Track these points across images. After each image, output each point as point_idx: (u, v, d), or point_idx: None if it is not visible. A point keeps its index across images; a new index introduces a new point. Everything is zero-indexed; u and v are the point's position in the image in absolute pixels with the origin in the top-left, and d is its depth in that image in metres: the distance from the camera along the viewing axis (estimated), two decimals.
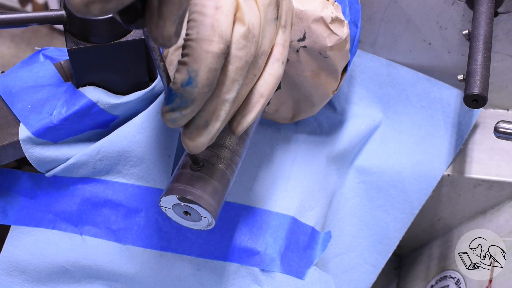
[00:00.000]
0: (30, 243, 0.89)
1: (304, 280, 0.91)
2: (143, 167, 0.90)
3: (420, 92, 1.09)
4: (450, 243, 1.14)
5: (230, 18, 0.64)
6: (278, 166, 0.98)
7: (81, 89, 0.87)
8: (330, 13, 0.86)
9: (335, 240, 1.04)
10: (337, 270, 1.04)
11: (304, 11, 0.85)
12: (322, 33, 0.86)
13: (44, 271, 0.89)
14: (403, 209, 1.06)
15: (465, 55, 1.07)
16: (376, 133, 1.09)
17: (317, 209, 0.98)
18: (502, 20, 1.02)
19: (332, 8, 0.87)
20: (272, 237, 0.91)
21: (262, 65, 0.69)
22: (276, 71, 0.70)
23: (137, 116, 0.89)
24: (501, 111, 1.15)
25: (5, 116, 0.86)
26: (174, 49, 0.84)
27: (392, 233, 1.07)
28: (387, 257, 1.07)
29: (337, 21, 0.87)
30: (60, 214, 0.89)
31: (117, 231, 0.89)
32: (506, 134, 0.85)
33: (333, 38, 0.87)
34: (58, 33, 1.96)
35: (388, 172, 1.06)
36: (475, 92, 0.87)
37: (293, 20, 0.75)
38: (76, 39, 0.83)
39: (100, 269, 0.89)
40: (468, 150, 1.09)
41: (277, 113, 0.99)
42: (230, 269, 0.89)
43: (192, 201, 0.73)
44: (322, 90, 0.93)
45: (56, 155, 0.87)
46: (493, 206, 1.10)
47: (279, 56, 0.70)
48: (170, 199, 0.75)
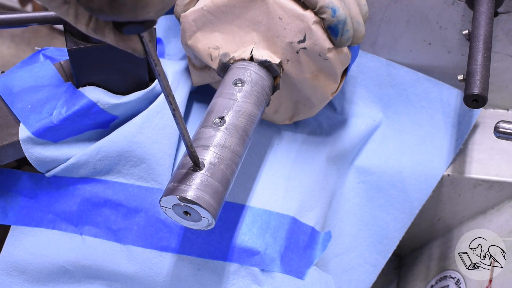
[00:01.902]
0: (30, 243, 0.89)
1: (304, 280, 0.91)
2: (143, 167, 0.90)
3: (420, 92, 1.09)
4: (450, 243, 1.14)
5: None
6: (278, 166, 0.98)
7: (81, 89, 0.87)
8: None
9: (335, 240, 1.04)
10: (337, 270, 1.04)
11: (304, 14, 0.86)
12: (322, 35, 0.87)
13: (44, 271, 0.89)
14: (403, 209, 1.06)
15: (465, 55, 1.07)
16: (376, 133, 1.09)
17: (317, 209, 0.98)
18: (502, 20, 1.02)
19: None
20: (272, 237, 0.91)
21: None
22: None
23: (137, 116, 0.90)
24: (501, 111, 1.15)
25: (5, 116, 0.87)
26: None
27: (392, 233, 1.07)
28: (387, 257, 1.07)
29: None
30: (60, 214, 0.90)
31: (117, 231, 0.89)
32: (506, 134, 0.85)
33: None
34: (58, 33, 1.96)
35: (388, 172, 1.06)
36: (475, 92, 0.87)
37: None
38: (76, 39, 0.83)
39: (100, 269, 0.89)
40: (468, 150, 1.09)
41: (276, 114, 0.99)
42: (230, 269, 0.89)
43: (192, 201, 0.73)
44: (321, 92, 0.93)
45: (56, 155, 0.87)
46: (493, 206, 1.10)
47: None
48: (170, 199, 0.75)
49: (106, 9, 0.54)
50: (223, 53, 0.90)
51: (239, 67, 0.87)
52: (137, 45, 0.62)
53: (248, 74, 0.86)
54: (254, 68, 0.87)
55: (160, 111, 0.90)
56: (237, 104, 0.82)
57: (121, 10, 0.54)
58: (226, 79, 0.87)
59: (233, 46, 0.90)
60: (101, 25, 0.59)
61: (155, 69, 0.65)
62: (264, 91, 0.86)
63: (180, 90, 0.96)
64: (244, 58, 0.88)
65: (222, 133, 0.79)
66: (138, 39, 0.62)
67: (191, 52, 0.95)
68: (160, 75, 0.66)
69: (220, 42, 0.91)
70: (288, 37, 0.87)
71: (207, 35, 0.91)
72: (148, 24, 0.59)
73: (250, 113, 0.83)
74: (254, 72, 0.86)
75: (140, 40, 0.62)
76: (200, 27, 0.91)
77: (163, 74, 0.66)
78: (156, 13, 0.57)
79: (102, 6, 0.54)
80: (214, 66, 0.91)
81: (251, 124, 0.83)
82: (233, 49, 0.90)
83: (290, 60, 0.89)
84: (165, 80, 0.67)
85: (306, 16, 0.86)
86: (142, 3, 0.55)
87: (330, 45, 0.88)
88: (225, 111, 0.81)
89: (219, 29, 0.90)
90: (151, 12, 0.56)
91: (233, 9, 0.89)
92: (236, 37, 0.90)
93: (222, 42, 0.91)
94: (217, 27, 0.90)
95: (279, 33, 0.88)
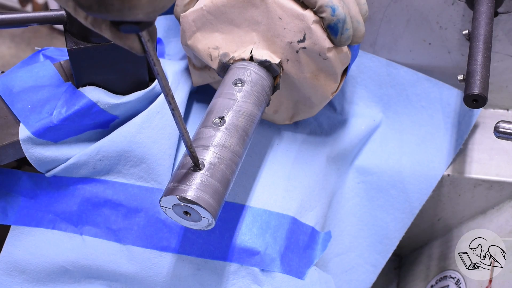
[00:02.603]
0: (30, 243, 0.89)
1: (304, 280, 0.91)
2: (143, 167, 0.90)
3: (420, 92, 1.09)
4: (450, 243, 1.14)
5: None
6: (278, 166, 0.98)
7: (81, 89, 0.87)
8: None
9: (335, 240, 1.04)
10: (337, 270, 1.04)
11: (304, 13, 0.86)
12: (322, 34, 0.87)
13: (44, 271, 0.89)
14: (403, 209, 1.06)
15: (465, 55, 1.07)
16: (376, 133, 1.09)
17: (317, 209, 0.98)
18: (502, 20, 1.02)
19: None
20: (272, 237, 0.91)
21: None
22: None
23: (137, 116, 0.90)
24: (501, 111, 1.15)
25: (5, 116, 0.87)
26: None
27: (392, 233, 1.07)
28: (387, 257, 1.07)
29: None
30: (60, 214, 0.90)
31: (117, 231, 0.89)
32: (506, 134, 0.85)
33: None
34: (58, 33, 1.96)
35: (388, 172, 1.06)
36: (475, 92, 0.87)
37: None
38: (76, 39, 0.83)
39: (100, 269, 0.89)
40: (468, 150, 1.09)
41: (276, 114, 0.99)
42: (230, 269, 0.89)
43: (192, 201, 0.73)
44: (321, 91, 0.93)
45: (56, 155, 0.87)
46: (493, 206, 1.10)
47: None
48: (170, 199, 0.75)
49: (94, 7, 0.55)
50: (223, 53, 0.90)
51: (239, 67, 0.87)
52: (135, 43, 0.62)
53: (248, 74, 0.86)
54: (254, 68, 0.87)
55: (160, 111, 0.90)
56: (237, 104, 0.82)
57: (109, 9, 0.54)
58: (226, 79, 0.87)
59: (233, 46, 0.90)
60: (98, 20, 0.60)
61: (154, 68, 0.65)
62: (264, 91, 0.86)
63: (180, 90, 0.96)
64: (244, 58, 0.88)
65: (222, 133, 0.79)
66: (136, 37, 0.62)
67: (191, 52, 0.95)
68: (159, 74, 0.66)
69: (220, 42, 0.91)
70: (287, 37, 0.87)
71: (207, 35, 0.91)
72: (144, 25, 0.59)
73: (250, 113, 0.83)
74: (254, 72, 0.86)
75: (139, 38, 0.62)
76: (200, 27, 0.91)
77: (162, 73, 0.66)
78: (145, 15, 0.56)
79: (91, 4, 0.54)
80: (214, 66, 0.91)
81: (251, 124, 0.83)
82: (233, 49, 0.90)
83: (290, 60, 0.89)
84: (164, 79, 0.67)
85: (305, 16, 0.86)
86: (129, 4, 0.55)
87: (329, 45, 0.88)
88: (225, 111, 0.81)
89: (218, 29, 0.90)
90: (140, 14, 0.56)
91: (233, 9, 0.89)
92: (235, 37, 0.90)
93: (222, 42, 0.91)
94: (217, 27, 0.90)
95: (278, 32, 0.88)
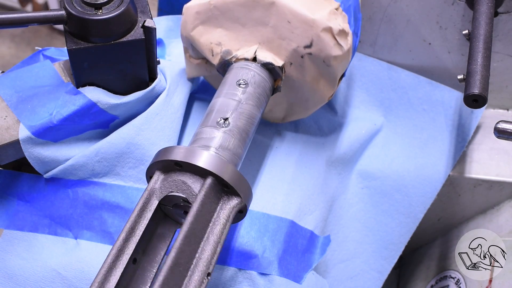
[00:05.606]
0: (23, 248, 0.88)
1: (301, 284, 0.91)
2: (142, 169, 0.90)
3: (421, 95, 1.09)
4: (450, 243, 1.14)
5: None
6: (277, 169, 0.98)
7: (81, 89, 0.87)
8: (338, 25, 0.86)
9: (340, 246, 1.03)
10: (342, 277, 1.04)
11: (314, 20, 0.85)
12: (329, 42, 0.86)
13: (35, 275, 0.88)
14: (407, 213, 1.05)
15: (465, 55, 1.07)
16: (378, 137, 1.08)
17: (317, 213, 0.97)
18: (502, 20, 1.02)
19: (340, 18, 0.87)
20: (270, 240, 0.90)
21: None
22: None
23: (136, 118, 0.89)
24: (501, 111, 1.15)
25: (5, 116, 0.86)
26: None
27: (397, 238, 1.06)
28: (393, 262, 1.06)
29: (343, 33, 0.87)
30: (56, 218, 0.89)
31: (113, 234, 0.89)
32: (506, 134, 0.85)
33: (338, 49, 0.87)
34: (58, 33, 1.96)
35: (392, 176, 1.05)
36: (475, 92, 0.87)
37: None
38: (76, 39, 0.83)
39: (93, 272, 0.88)
40: (468, 150, 1.09)
41: (270, 113, 0.99)
42: (228, 272, 0.89)
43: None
44: (319, 95, 0.93)
45: (55, 155, 0.87)
46: (493, 206, 1.10)
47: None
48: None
49: None
50: (225, 50, 0.89)
51: (242, 67, 0.87)
52: None
53: (252, 76, 0.86)
54: (257, 69, 0.87)
55: (159, 112, 0.90)
56: (240, 105, 0.82)
57: None
58: (228, 78, 0.86)
59: (236, 44, 0.90)
60: None
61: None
62: (265, 93, 0.86)
63: (180, 91, 0.96)
64: (247, 58, 0.88)
65: (224, 134, 0.79)
66: None
67: (189, 43, 0.94)
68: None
69: (223, 39, 0.90)
70: (294, 41, 0.87)
71: (210, 29, 0.90)
72: None
73: (252, 115, 0.82)
74: (258, 74, 0.86)
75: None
76: (204, 21, 0.90)
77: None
78: None
79: None
80: (214, 62, 0.91)
81: (252, 126, 0.82)
82: (236, 47, 0.90)
83: (293, 63, 0.89)
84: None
85: (315, 22, 0.85)
86: None
87: (336, 53, 0.87)
88: (229, 112, 0.81)
89: (223, 25, 0.90)
90: None
91: (240, 8, 0.88)
92: (239, 36, 0.90)
93: (225, 39, 0.90)
94: (222, 23, 0.90)
95: (285, 36, 0.87)
